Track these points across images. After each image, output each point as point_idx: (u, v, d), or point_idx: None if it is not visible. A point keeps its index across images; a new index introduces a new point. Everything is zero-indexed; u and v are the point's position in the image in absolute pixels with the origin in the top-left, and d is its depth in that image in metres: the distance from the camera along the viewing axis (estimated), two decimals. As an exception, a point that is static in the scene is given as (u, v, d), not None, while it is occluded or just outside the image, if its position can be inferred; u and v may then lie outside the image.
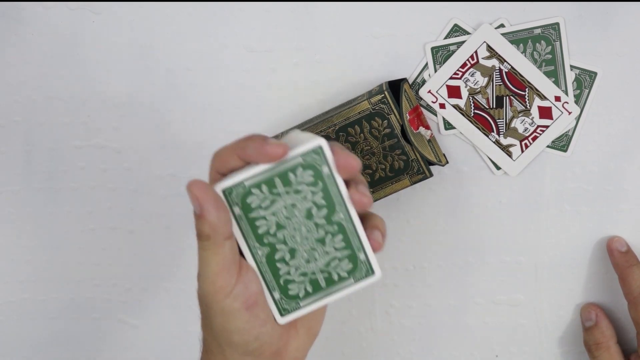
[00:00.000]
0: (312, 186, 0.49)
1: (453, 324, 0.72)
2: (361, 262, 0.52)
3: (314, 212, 0.50)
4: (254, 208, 0.49)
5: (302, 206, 0.50)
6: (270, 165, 0.48)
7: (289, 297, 0.52)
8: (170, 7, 0.67)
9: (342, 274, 0.52)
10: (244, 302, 0.49)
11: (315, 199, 0.50)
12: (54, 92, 0.69)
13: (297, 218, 0.50)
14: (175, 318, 0.74)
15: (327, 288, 0.52)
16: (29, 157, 0.71)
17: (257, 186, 0.49)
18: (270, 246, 0.51)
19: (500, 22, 0.65)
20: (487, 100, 0.67)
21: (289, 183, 0.49)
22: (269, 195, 0.49)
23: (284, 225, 0.50)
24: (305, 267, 0.51)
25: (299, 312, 0.52)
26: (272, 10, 0.67)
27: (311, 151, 0.48)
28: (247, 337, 0.50)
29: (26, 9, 0.68)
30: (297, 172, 0.49)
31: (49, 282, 0.73)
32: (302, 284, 0.52)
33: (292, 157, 0.48)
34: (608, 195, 0.68)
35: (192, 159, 0.70)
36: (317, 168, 0.49)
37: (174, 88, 0.69)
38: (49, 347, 0.75)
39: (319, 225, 0.51)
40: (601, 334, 0.67)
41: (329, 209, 0.50)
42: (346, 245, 0.51)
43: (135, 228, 0.72)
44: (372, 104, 0.63)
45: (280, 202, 0.49)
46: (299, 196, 0.50)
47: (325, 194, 0.50)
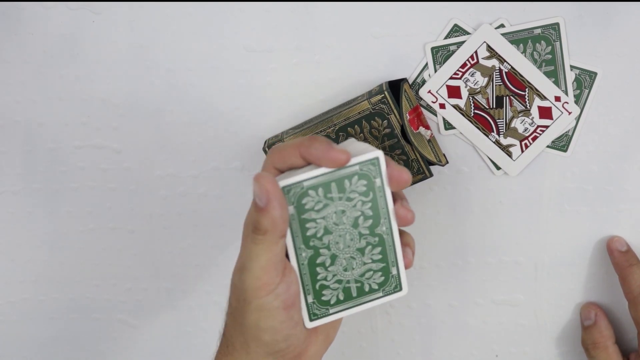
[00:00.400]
0: (364, 196, 0.51)
1: (453, 324, 0.72)
2: (392, 276, 0.53)
3: (361, 221, 0.51)
4: (307, 210, 0.50)
5: (351, 214, 0.51)
6: (329, 170, 0.49)
7: (320, 303, 0.53)
8: (170, 7, 0.67)
9: (374, 285, 0.53)
10: (284, 301, 0.50)
11: (364, 209, 0.51)
12: (54, 92, 0.69)
13: (345, 225, 0.51)
14: (175, 318, 0.74)
15: (357, 298, 0.53)
16: (29, 157, 0.71)
17: (314, 188, 0.49)
18: (315, 249, 0.51)
19: (500, 22, 0.65)
20: (487, 100, 0.67)
21: (343, 190, 0.50)
22: (323, 199, 0.50)
23: (331, 231, 0.51)
24: (341, 275, 0.52)
25: (327, 318, 0.53)
26: (272, 10, 0.67)
27: (368, 162, 0.50)
28: (278, 337, 0.50)
29: (26, 9, 0.68)
30: (352, 180, 0.50)
31: (49, 282, 0.74)
32: (336, 291, 0.53)
33: (350, 165, 0.50)
34: (608, 195, 0.68)
35: (192, 159, 0.70)
36: (371, 179, 0.50)
37: (174, 88, 0.69)
38: (49, 347, 0.75)
39: (362, 235, 0.52)
40: (599, 333, 0.67)
41: (375, 220, 0.51)
42: (382, 258, 0.52)
43: (135, 228, 0.72)
44: (372, 104, 0.63)
45: (332, 207, 0.50)
46: (350, 204, 0.51)
47: (373, 205, 0.51)
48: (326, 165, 0.49)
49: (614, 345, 0.67)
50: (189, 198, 0.71)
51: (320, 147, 0.49)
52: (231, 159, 0.70)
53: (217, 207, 0.71)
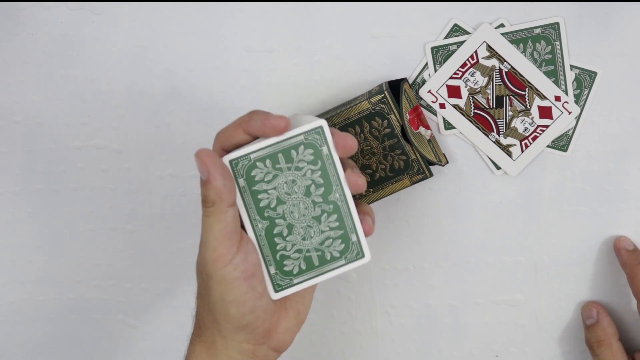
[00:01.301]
0: (312, 164, 0.52)
1: (453, 324, 0.72)
2: (352, 243, 0.54)
3: (312, 189, 0.52)
4: (258, 181, 0.52)
5: (302, 183, 0.52)
6: (275, 141, 0.51)
7: (283, 273, 0.54)
8: (170, 7, 0.67)
9: (335, 253, 0.54)
10: (243, 271, 0.50)
11: (314, 177, 0.52)
12: (54, 92, 0.70)
13: (297, 194, 0.52)
14: (175, 318, 0.74)
15: (320, 267, 0.54)
16: (29, 158, 0.71)
17: (262, 160, 0.51)
18: (270, 220, 0.53)
19: (500, 22, 0.65)
20: (487, 100, 0.67)
21: (290, 160, 0.52)
22: (272, 169, 0.51)
23: (284, 201, 0.53)
24: (300, 244, 0.53)
25: (292, 288, 0.54)
26: (272, 10, 0.67)
27: (312, 131, 0.51)
28: (244, 309, 0.51)
29: (26, 9, 0.68)
30: (299, 150, 0.52)
31: (49, 282, 0.73)
32: (297, 260, 0.54)
33: (295, 135, 0.51)
34: (608, 195, 0.68)
35: (192, 159, 0.70)
36: (318, 147, 0.51)
37: (174, 88, 0.69)
38: (49, 347, 0.75)
39: (316, 203, 0.53)
40: (603, 331, 0.67)
41: (326, 187, 0.53)
42: (340, 225, 0.53)
43: (135, 228, 0.72)
44: (372, 104, 0.63)
45: (282, 177, 0.52)
46: (300, 173, 0.52)
47: (323, 173, 0.52)
48: (268, 133, 0.50)
49: (617, 343, 0.67)
50: (189, 198, 0.71)
51: (259, 117, 0.50)
52: (231, 159, 0.70)
53: (217, 207, 0.71)
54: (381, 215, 0.70)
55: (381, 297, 0.72)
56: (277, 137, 0.51)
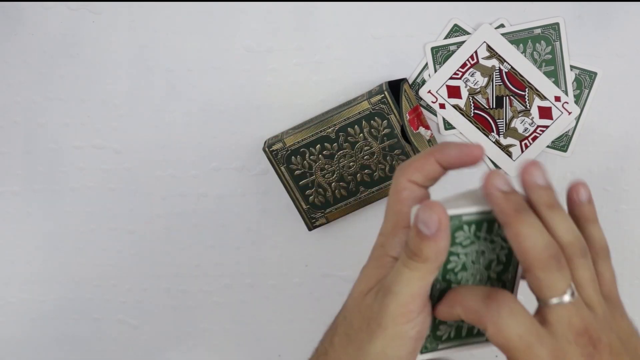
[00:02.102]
0: (504, 241, 0.49)
1: (453, 324, 0.72)
2: None
3: (493, 265, 0.50)
4: (456, 243, 0.48)
5: (488, 256, 0.50)
6: (487, 209, 0.48)
7: (434, 337, 0.51)
8: (170, 7, 0.67)
9: (482, 330, 0.50)
10: (418, 332, 0.47)
11: (500, 254, 0.50)
12: (54, 92, 0.69)
13: (479, 266, 0.50)
14: (175, 318, 0.74)
15: (465, 338, 0.51)
16: (29, 158, 0.71)
17: (469, 224, 0.48)
18: (448, 284, 0.50)
19: (500, 22, 0.65)
20: (487, 100, 0.67)
21: (491, 231, 0.49)
22: (472, 236, 0.48)
23: (467, 268, 0.50)
24: None
25: (435, 353, 0.51)
26: (272, 10, 0.67)
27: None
28: None
29: (26, 9, 0.68)
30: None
31: (49, 282, 0.73)
32: (450, 327, 0.51)
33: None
34: (608, 195, 0.68)
35: (192, 159, 0.70)
36: None
37: (174, 88, 0.69)
38: (49, 347, 0.75)
39: (490, 279, 0.50)
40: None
41: (505, 267, 0.50)
42: None
43: (135, 228, 0.72)
44: (372, 104, 0.63)
45: (476, 245, 0.49)
46: (491, 246, 0.49)
47: (509, 252, 0.50)
48: (464, 162, 0.48)
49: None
50: (189, 198, 0.71)
51: (456, 146, 0.47)
52: (231, 159, 0.70)
53: (217, 207, 0.71)
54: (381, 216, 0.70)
55: (381, 297, 0.72)
56: (487, 206, 0.48)
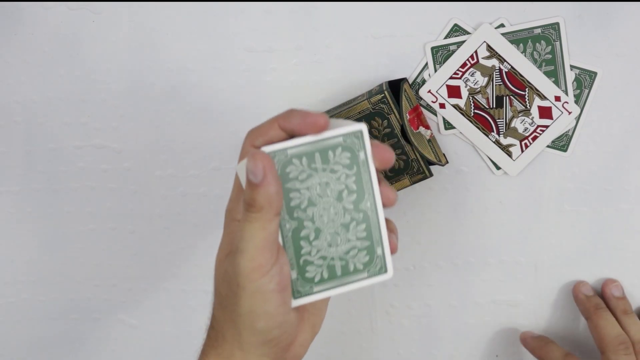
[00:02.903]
0: (348, 169, 0.50)
1: (453, 324, 0.72)
2: (377, 257, 0.51)
3: (345, 195, 0.50)
4: (292, 179, 0.49)
5: (335, 187, 0.50)
6: (313, 139, 0.48)
7: (304, 280, 0.51)
8: (170, 7, 0.67)
9: (358, 265, 0.51)
10: (278, 283, 0.48)
11: (347, 182, 0.50)
12: (54, 92, 0.69)
13: (329, 198, 0.50)
14: (175, 318, 0.74)
15: (342, 277, 0.51)
16: (29, 157, 0.71)
17: (299, 157, 0.48)
18: (299, 221, 0.50)
19: (500, 22, 0.65)
20: (487, 100, 0.67)
21: (327, 161, 0.49)
22: (307, 168, 0.49)
23: (315, 203, 0.50)
24: (326, 251, 0.51)
25: (311, 297, 0.51)
26: (272, 10, 0.67)
27: (352, 134, 0.49)
28: (272, 323, 0.48)
29: (26, 9, 0.68)
30: (336, 152, 0.49)
31: (49, 282, 0.74)
32: (320, 268, 0.51)
33: (334, 136, 0.49)
34: (608, 195, 0.68)
35: (192, 159, 0.70)
36: (355, 152, 0.49)
37: (174, 88, 0.69)
38: (49, 347, 0.75)
39: (347, 210, 0.50)
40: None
41: (359, 195, 0.50)
42: (367, 235, 0.51)
43: (135, 228, 0.72)
44: (372, 104, 0.63)
45: (316, 178, 0.49)
46: (334, 176, 0.49)
47: (357, 179, 0.50)
48: (306, 130, 0.48)
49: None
50: (189, 198, 0.71)
51: (299, 114, 0.48)
52: (231, 159, 0.70)
53: (217, 207, 0.71)
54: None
55: (381, 297, 0.72)
56: (316, 135, 0.49)
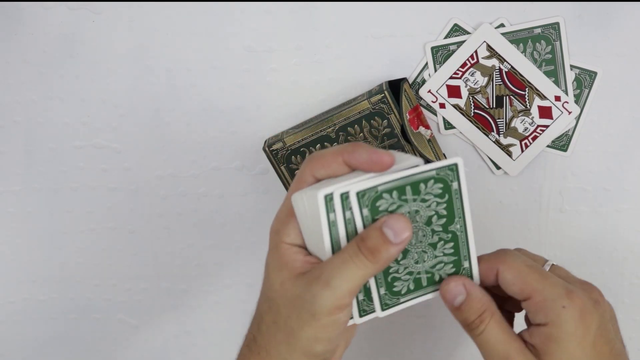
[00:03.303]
0: (439, 197, 0.51)
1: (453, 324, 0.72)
2: (464, 269, 0.53)
3: (434, 220, 0.51)
4: (381, 211, 0.50)
5: (425, 213, 0.51)
6: (404, 175, 0.49)
7: (392, 293, 0.52)
8: (170, 7, 0.67)
9: (444, 275, 0.53)
10: (347, 315, 0.49)
11: (438, 209, 0.51)
12: (54, 92, 0.69)
13: (417, 223, 0.51)
14: (175, 318, 0.74)
15: (427, 287, 0.53)
16: (29, 157, 0.71)
17: (389, 192, 0.49)
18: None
19: (500, 21, 0.65)
20: (487, 100, 0.67)
21: (417, 192, 0.50)
22: (397, 200, 0.50)
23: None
24: (412, 267, 0.52)
25: (399, 306, 0.52)
26: (272, 10, 0.67)
27: (446, 167, 0.50)
28: (330, 347, 0.49)
29: (26, 9, 0.68)
30: (428, 184, 0.50)
31: (49, 282, 0.74)
32: (407, 282, 0.52)
33: (427, 170, 0.49)
34: (608, 195, 0.68)
35: (192, 159, 0.70)
36: (448, 182, 0.50)
37: (174, 88, 0.69)
38: (49, 347, 0.75)
39: (435, 232, 0.51)
40: (479, 301, 0.52)
41: (449, 219, 0.51)
42: (454, 252, 0.52)
43: (135, 228, 0.72)
44: (372, 104, 0.63)
45: (406, 207, 0.50)
46: (424, 204, 0.51)
47: (448, 206, 0.51)
48: (372, 168, 0.48)
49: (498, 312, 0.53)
50: (189, 198, 0.71)
51: (365, 151, 0.48)
52: (231, 159, 0.70)
53: (217, 207, 0.71)
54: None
55: (381, 297, 0.72)
56: (406, 171, 0.49)
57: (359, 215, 0.49)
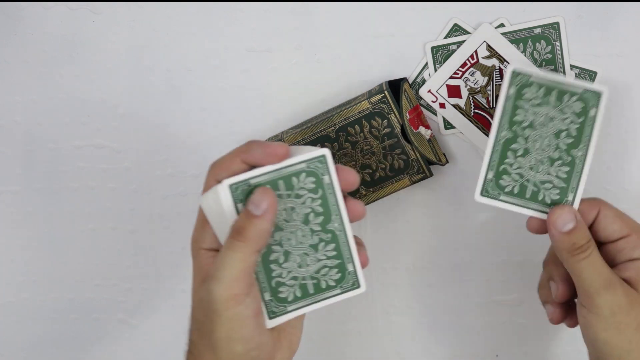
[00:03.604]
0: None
1: (453, 324, 0.72)
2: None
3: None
4: (524, 99, 0.51)
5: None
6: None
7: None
8: (170, 7, 0.67)
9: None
10: (253, 310, 0.49)
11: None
12: (54, 92, 0.70)
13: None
14: (175, 318, 0.74)
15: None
16: (29, 157, 0.71)
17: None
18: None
19: (500, 21, 0.65)
20: (487, 99, 0.67)
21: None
22: (540, 98, 0.51)
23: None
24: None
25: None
26: (272, 10, 0.67)
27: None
28: (250, 346, 0.49)
29: (26, 9, 0.68)
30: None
31: (49, 282, 0.73)
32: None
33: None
34: (608, 195, 0.68)
35: (192, 159, 0.70)
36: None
37: (174, 88, 0.69)
38: (49, 347, 0.75)
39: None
40: (584, 234, 0.54)
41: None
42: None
43: (135, 228, 0.72)
44: (372, 104, 0.63)
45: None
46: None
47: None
48: (268, 161, 0.49)
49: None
50: (189, 198, 0.71)
51: (258, 146, 0.49)
52: (231, 158, 0.70)
53: (217, 207, 0.71)
54: (381, 215, 0.70)
55: (381, 297, 0.72)
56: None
57: (233, 207, 0.49)
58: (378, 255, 0.70)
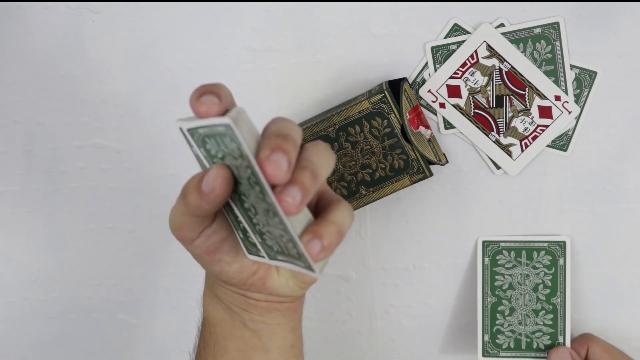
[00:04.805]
0: (547, 269, 0.66)
1: (453, 324, 0.72)
2: (559, 343, 0.67)
3: (540, 288, 0.65)
4: (499, 265, 0.67)
5: (534, 280, 0.65)
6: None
7: (494, 344, 0.67)
8: (170, 7, 0.67)
9: (541, 345, 0.66)
10: (205, 249, 0.52)
11: (545, 279, 0.66)
12: (54, 92, 0.69)
13: (526, 287, 0.66)
14: (175, 318, 0.74)
15: (524, 351, 0.66)
16: (29, 157, 0.71)
17: (508, 250, 0.66)
18: (498, 298, 0.67)
19: (500, 21, 0.65)
20: (487, 99, 0.67)
21: (531, 258, 0.66)
22: (513, 260, 0.68)
23: (514, 288, 0.66)
24: (515, 327, 0.66)
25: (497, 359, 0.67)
26: (272, 10, 0.67)
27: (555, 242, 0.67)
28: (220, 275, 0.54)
29: (26, 9, 0.68)
30: (540, 254, 0.66)
31: (49, 282, 0.73)
32: (509, 338, 0.66)
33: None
34: (608, 195, 0.68)
35: (192, 159, 0.70)
36: (556, 257, 0.67)
37: (174, 88, 0.69)
38: (49, 347, 0.75)
39: (539, 300, 0.65)
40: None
41: (552, 291, 0.65)
42: (553, 324, 0.65)
43: (135, 228, 0.72)
44: (372, 104, 0.63)
45: (519, 269, 0.67)
46: (535, 272, 0.66)
47: (553, 279, 0.65)
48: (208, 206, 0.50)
49: None
50: (189, 198, 0.71)
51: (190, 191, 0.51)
52: (231, 158, 0.70)
53: (217, 207, 0.71)
54: (381, 215, 0.70)
55: (381, 297, 0.72)
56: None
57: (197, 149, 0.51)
58: (378, 255, 0.70)
